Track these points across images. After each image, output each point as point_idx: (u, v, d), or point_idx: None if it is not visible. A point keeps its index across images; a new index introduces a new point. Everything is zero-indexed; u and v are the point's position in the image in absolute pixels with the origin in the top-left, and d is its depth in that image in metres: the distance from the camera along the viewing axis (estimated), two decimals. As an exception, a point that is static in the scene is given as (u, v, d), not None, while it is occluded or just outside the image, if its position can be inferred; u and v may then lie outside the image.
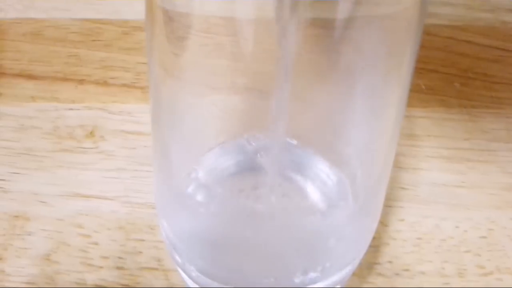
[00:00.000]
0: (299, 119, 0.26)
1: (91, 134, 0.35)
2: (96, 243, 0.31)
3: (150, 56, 0.23)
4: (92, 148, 0.34)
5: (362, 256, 0.28)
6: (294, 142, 0.27)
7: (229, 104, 0.26)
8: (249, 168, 0.26)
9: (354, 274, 0.30)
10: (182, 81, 0.23)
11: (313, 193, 0.26)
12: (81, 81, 0.37)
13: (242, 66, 0.22)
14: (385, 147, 0.25)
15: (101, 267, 0.30)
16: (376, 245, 0.31)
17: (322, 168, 0.27)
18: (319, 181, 0.27)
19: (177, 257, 0.27)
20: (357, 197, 0.26)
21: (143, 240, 0.31)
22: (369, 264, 0.31)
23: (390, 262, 0.31)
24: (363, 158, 0.25)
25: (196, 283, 0.28)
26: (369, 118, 0.24)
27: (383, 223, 0.32)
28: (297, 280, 0.24)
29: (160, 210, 0.28)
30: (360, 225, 0.26)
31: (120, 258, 0.31)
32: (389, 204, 0.32)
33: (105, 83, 0.37)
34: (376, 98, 0.23)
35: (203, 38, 0.22)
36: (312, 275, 0.25)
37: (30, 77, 0.38)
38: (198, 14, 0.21)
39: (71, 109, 0.36)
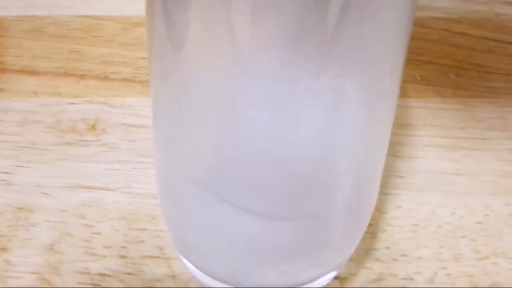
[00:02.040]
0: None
1: (93, 127, 0.36)
2: (99, 233, 0.32)
3: (151, 52, 0.24)
4: (94, 141, 0.35)
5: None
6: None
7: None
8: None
9: (351, 259, 0.30)
10: (183, 75, 0.23)
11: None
12: (82, 76, 0.38)
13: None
14: (379, 136, 0.26)
15: (104, 256, 0.31)
16: (373, 231, 0.32)
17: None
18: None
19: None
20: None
21: (145, 230, 0.32)
22: (366, 249, 0.31)
23: (387, 247, 0.31)
24: (356, 147, 0.25)
25: (200, 269, 0.29)
26: (362, 108, 0.24)
27: (380, 210, 0.32)
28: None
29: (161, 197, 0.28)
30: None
31: (123, 247, 0.31)
32: (386, 192, 0.33)
33: (106, 78, 0.38)
34: (369, 89, 0.24)
35: (203, 34, 0.22)
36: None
37: (32, 72, 0.38)
38: (198, 10, 0.21)
39: (73, 103, 0.37)
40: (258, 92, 0.22)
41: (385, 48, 0.23)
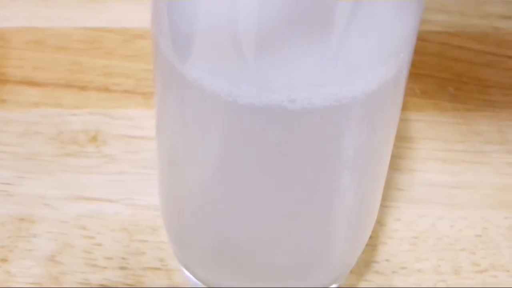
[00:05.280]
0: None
1: (94, 138, 0.36)
2: (100, 244, 0.32)
3: (155, 63, 0.24)
4: (95, 152, 0.35)
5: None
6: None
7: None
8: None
9: (352, 272, 0.30)
10: (187, 88, 0.23)
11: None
12: (83, 88, 0.38)
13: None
14: (381, 149, 0.26)
15: (105, 268, 0.31)
16: (373, 244, 0.32)
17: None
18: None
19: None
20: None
21: (146, 241, 0.32)
22: (366, 262, 0.31)
23: (387, 260, 0.32)
24: (359, 160, 0.26)
25: (201, 280, 0.29)
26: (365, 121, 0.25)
27: (380, 223, 0.33)
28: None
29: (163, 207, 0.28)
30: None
31: (123, 258, 0.31)
32: (385, 205, 0.33)
33: (107, 89, 0.38)
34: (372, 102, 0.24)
35: (208, 47, 0.22)
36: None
37: (34, 84, 0.38)
38: (203, 22, 0.21)
39: (74, 114, 0.37)
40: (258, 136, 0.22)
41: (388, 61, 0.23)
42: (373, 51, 0.22)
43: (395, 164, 0.35)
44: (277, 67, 0.21)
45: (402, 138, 0.36)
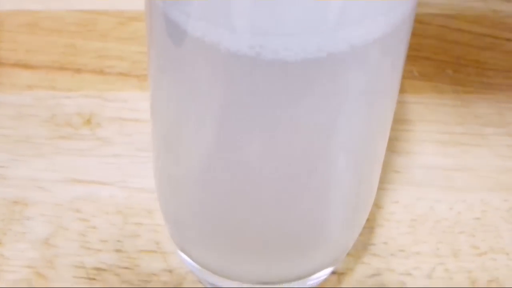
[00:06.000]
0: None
1: (88, 121, 0.35)
2: (94, 227, 0.31)
3: (150, 46, 0.24)
4: (89, 135, 0.35)
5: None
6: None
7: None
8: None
9: (349, 254, 0.30)
10: (182, 69, 0.23)
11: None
12: (77, 70, 0.38)
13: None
14: (379, 130, 0.25)
15: (99, 250, 0.31)
16: (370, 226, 0.32)
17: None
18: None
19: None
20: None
21: (141, 224, 0.31)
22: (364, 245, 0.31)
23: (385, 243, 0.31)
24: (356, 142, 0.25)
25: (197, 262, 0.28)
26: (362, 102, 0.24)
27: (377, 205, 0.32)
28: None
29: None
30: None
31: (118, 241, 0.31)
32: (383, 187, 0.33)
33: (101, 72, 0.38)
34: (369, 84, 0.23)
35: (203, 28, 0.22)
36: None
37: (27, 66, 0.38)
38: (197, 5, 0.21)
39: (68, 97, 0.36)
40: (256, 92, 0.22)
41: (385, 43, 0.22)
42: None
43: (393, 146, 0.35)
44: (272, 15, 0.20)
45: (400, 120, 0.36)
